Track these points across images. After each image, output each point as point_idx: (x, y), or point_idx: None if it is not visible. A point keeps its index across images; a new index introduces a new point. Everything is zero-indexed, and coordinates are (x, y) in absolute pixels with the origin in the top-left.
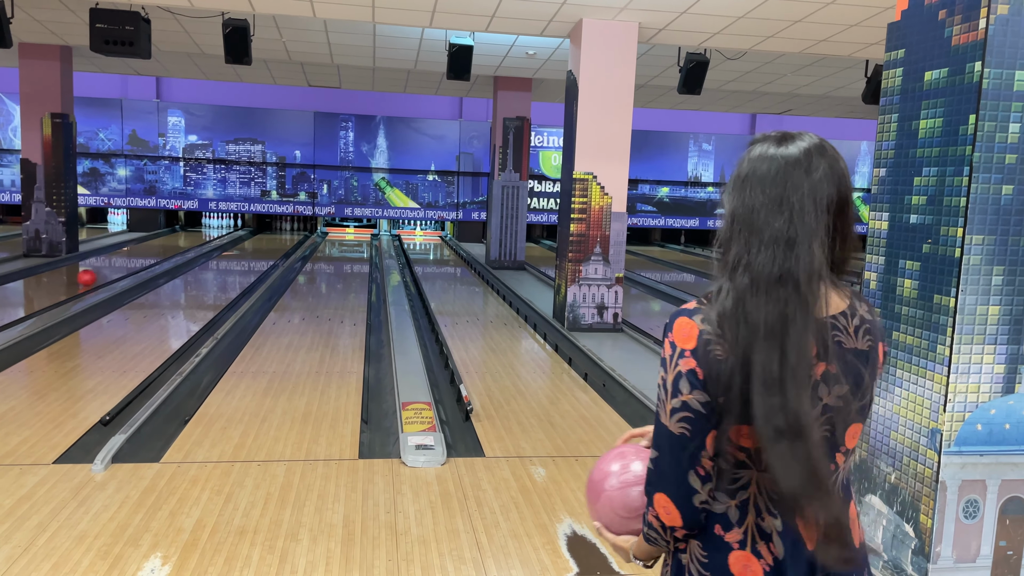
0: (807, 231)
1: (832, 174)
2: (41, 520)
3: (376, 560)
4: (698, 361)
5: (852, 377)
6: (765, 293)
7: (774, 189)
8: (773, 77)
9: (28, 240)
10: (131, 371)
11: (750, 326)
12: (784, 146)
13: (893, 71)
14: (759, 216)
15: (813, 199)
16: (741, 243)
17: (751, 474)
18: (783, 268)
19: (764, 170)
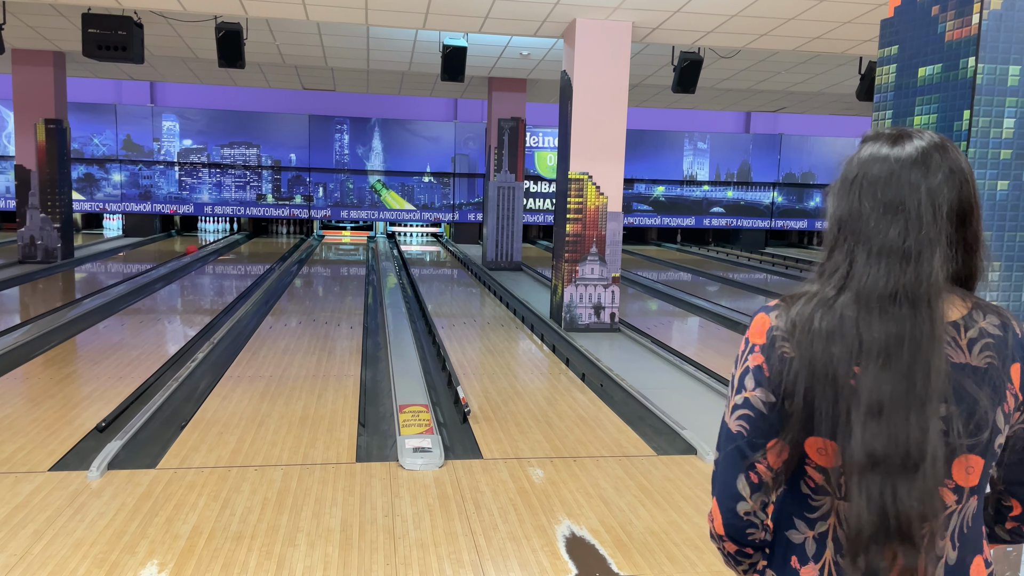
0: (926, 241)
1: (954, 177)
2: (37, 528)
3: (374, 564)
4: (766, 357)
5: (959, 397)
6: (878, 311)
7: (887, 193)
8: (767, 75)
9: (23, 247)
10: (127, 377)
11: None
12: (900, 145)
13: (886, 67)
14: (868, 223)
15: (932, 205)
16: (845, 251)
17: (831, 501)
18: (897, 284)
19: (876, 172)
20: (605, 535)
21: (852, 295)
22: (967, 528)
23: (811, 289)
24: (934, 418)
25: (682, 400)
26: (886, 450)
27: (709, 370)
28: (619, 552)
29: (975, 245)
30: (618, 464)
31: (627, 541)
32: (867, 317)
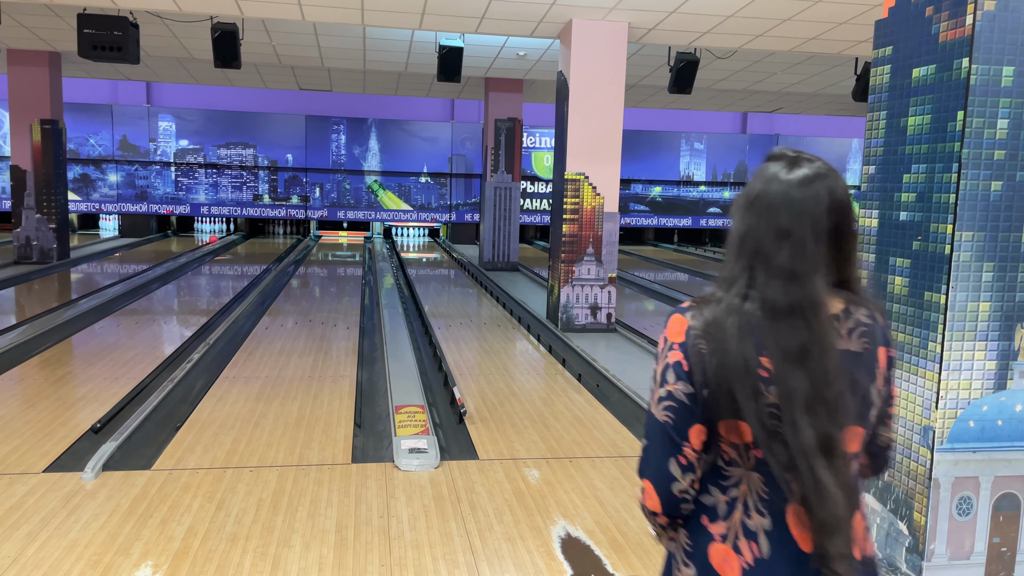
0: (810, 265)
1: (835, 206)
2: (31, 529)
3: (369, 565)
4: (684, 354)
5: (853, 385)
6: (782, 320)
7: (780, 219)
8: (763, 76)
9: (19, 247)
10: (123, 378)
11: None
12: (793, 171)
13: (881, 68)
14: (764, 244)
15: (814, 232)
16: (743, 263)
17: (741, 472)
18: (792, 299)
19: (773, 194)
20: (601, 536)
21: (757, 304)
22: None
23: (718, 294)
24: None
25: None
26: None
27: None
28: (614, 553)
29: (851, 260)
30: (614, 465)
31: (623, 542)
32: (775, 324)
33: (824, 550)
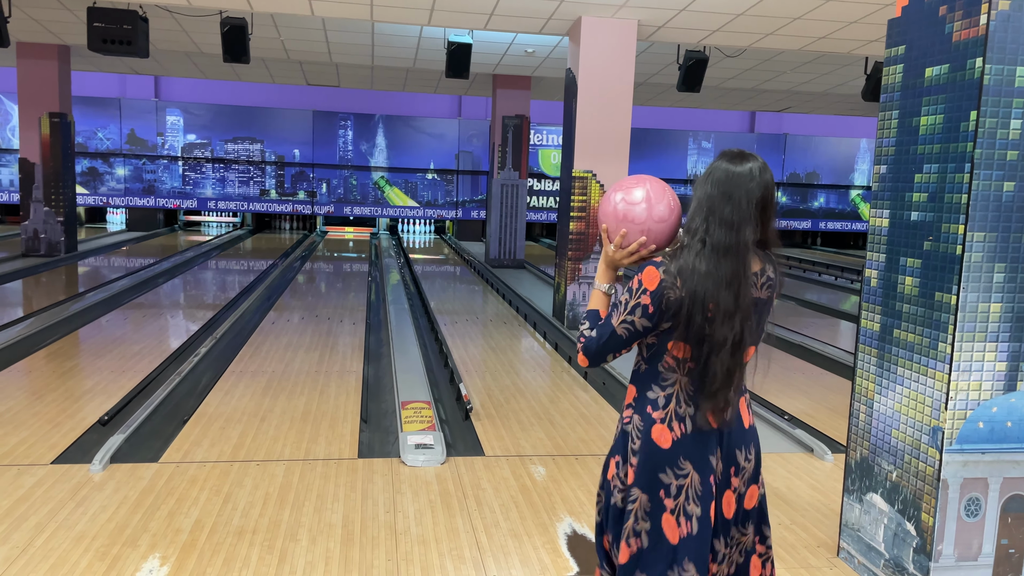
0: (744, 217)
1: (761, 183)
2: (39, 520)
3: (375, 560)
4: (652, 300)
5: (756, 315)
6: (724, 257)
7: (726, 187)
8: (772, 75)
9: (27, 240)
10: (130, 371)
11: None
12: (737, 162)
13: (893, 68)
14: (715, 203)
15: (747, 198)
16: (702, 217)
17: (677, 376)
18: (730, 242)
19: (721, 172)
20: None
21: (710, 248)
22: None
23: (684, 242)
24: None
25: None
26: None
27: None
28: None
29: (770, 223)
30: None
31: None
32: (718, 261)
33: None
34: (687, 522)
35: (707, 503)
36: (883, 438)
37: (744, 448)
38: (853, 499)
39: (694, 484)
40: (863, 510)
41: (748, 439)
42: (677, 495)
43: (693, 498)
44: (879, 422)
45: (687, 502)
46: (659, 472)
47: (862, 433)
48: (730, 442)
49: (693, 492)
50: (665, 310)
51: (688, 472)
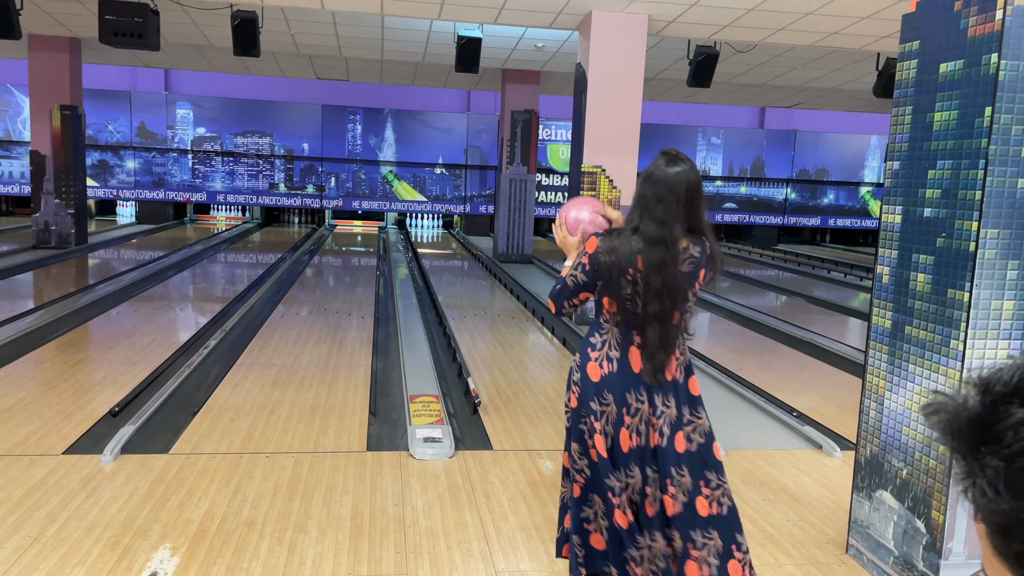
0: (674, 217)
1: (689, 182)
2: (51, 510)
3: (384, 552)
4: (589, 261)
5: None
6: (653, 247)
7: (660, 190)
8: (783, 70)
9: (37, 232)
10: (140, 363)
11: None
12: (672, 165)
13: (907, 63)
14: (650, 202)
15: (676, 199)
16: (638, 213)
17: (609, 327)
18: (662, 235)
19: (657, 175)
20: None
21: (640, 236)
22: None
23: (621, 228)
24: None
25: None
26: (660, 311)
27: (720, 365)
28: None
29: (698, 214)
30: None
31: None
32: (649, 248)
33: (649, 369)
34: (605, 440)
35: (619, 431)
36: (893, 435)
37: (663, 394)
38: (863, 496)
39: (613, 413)
40: (872, 507)
41: (668, 389)
42: (601, 418)
43: (613, 424)
44: (889, 419)
45: (607, 425)
46: (590, 400)
47: (872, 430)
48: (650, 388)
49: (614, 419)
50: (597, 270)
51: (610, 403)
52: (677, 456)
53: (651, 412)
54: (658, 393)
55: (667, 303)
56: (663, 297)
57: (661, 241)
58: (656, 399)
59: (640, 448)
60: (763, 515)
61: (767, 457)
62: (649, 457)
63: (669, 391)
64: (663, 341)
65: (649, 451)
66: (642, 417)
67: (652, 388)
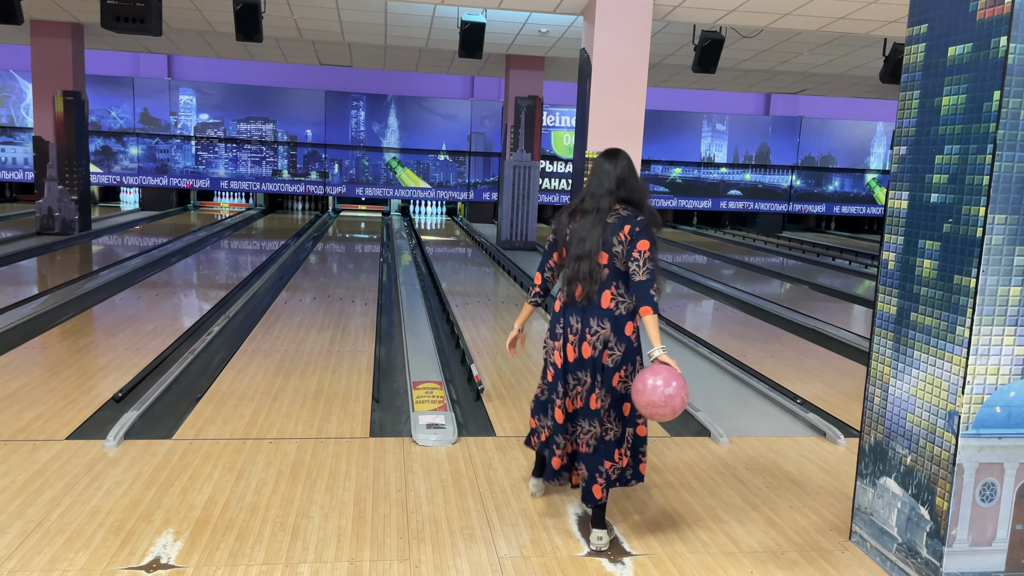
0: (604, 194)
1: (622, 169)
2: (54, 495)
3: (387, 537)
4: (552, 231)
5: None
6: (586, 216)
7: (597, 172)
8: (789, 56)
9: (41, 218)
10: (144, 349)
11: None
12: (608, 159)
13: (915, 47)
14: (592, 184)
15: (608, 179)
16: (582, 195)
17: (560, 272)
18: (595, 207)
19: (597, 165)
20: (617, 515)
21: (581, 212)
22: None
23: (573, 205)
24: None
25: (696, 382)
26: (579, 252)
27: (724, 353)
28: (631, 532)
29: (628, 192)
30: None
31: (640, 521)
32: (584, 217)
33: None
34: (559, 355)
35: (564, 347)
36: (898, 422)
37: (597, 318)
38: (866, 483)
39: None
40: (876, 494)
41: (602, 314)
42: (556, 339)
43: (562, 342)
44: (894, 406)
45: (556, 342)
46: (552, 326)
47: (877, 417)
48: (587, 313)
49: (562, 340)
50: (554, 236)
51: (564, 327)
52: (604, 367)
53: (588, 332)
54: (594, 317)
55: (584, 247)
56: (586, 244)
57: (592, 211)
58: (593, 321)
59: (578, 359)
60: (766, 502)
61: (771, 444)
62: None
63: (603, 316)
64: (580, 273)
65: (585, 361)
66: (579, 334)
67: (589, 312)
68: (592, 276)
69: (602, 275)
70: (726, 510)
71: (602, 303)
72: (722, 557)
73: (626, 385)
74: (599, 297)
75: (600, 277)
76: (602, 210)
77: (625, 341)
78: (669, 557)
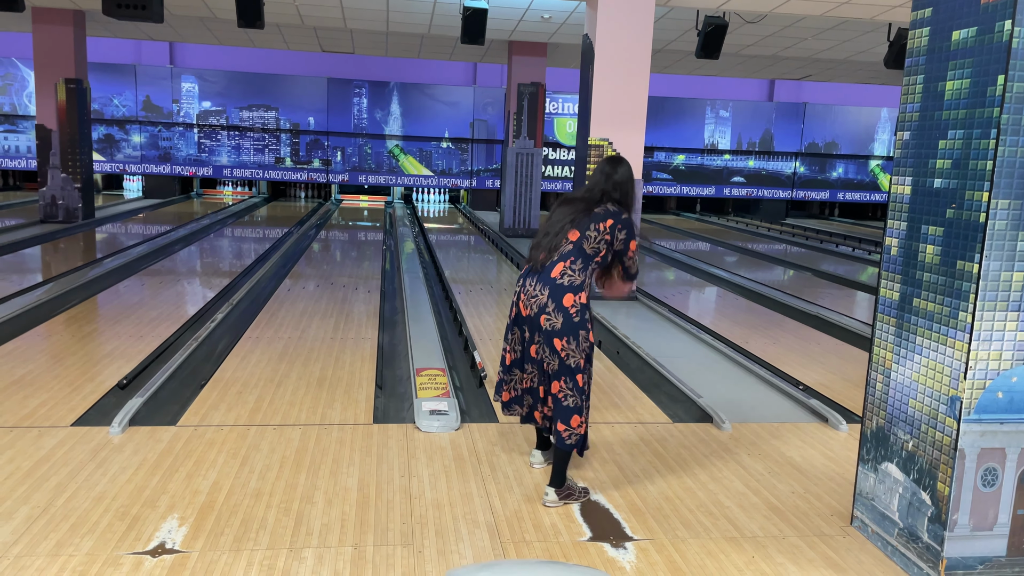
0: (597, 189)
1: (622, 174)
2: (60, 481)
3: (391, 523)
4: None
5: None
6: (576, 201)
7: (598, 171)
8: (793, 41)
9: (44, 206)
10: (147, 336)
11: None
12: (610, 164)
13: (919, 31)
14: (594, 178)
15: (608, 178)
16: (586, 184)
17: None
18: (586, 196)
19: (600, 165)
20: (620, 500)
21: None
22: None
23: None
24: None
25: (698, 368)
26: (549, 228)
27: (726, 339)
28: (633, 517)
29: (622, 195)
30: (633, 431)
31: (641, 506)
32: (571, 204)
33: (533, 261)
34: (513, 309)
35: (516, 303)
36: (900, 407)
37: (541, 284)
38: (868, 468)
39: (516, 291)
40: (878, 479)
41: (547, 282)
42: (514, 295)
43: (515, 299)
44: (896, 391)
45: (513, 298)
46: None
47: (878, 402)
48: (538, 278)
49: (515, 296)
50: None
51: (520, 287)
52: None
53: (536, 291)
54: (542, 281)
55: (558, 225)
56: (559, 221)
57: (580, 200)
58: (537, 287)
59: (527, 316)
60: (768, 487)
61: (773, 430)
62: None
63: (547, 283)
64: (543, 243)
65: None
66: (529, 294)
67: (540, 277)
68: (552, 247)
69: (563, 249)
70: (728, 495)
71: (552, 272)
72: (724, 542)
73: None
74: (552, 267)
75: (559, 249)
76: (591, 200)
77: (563, 311)
78: (671, 542)
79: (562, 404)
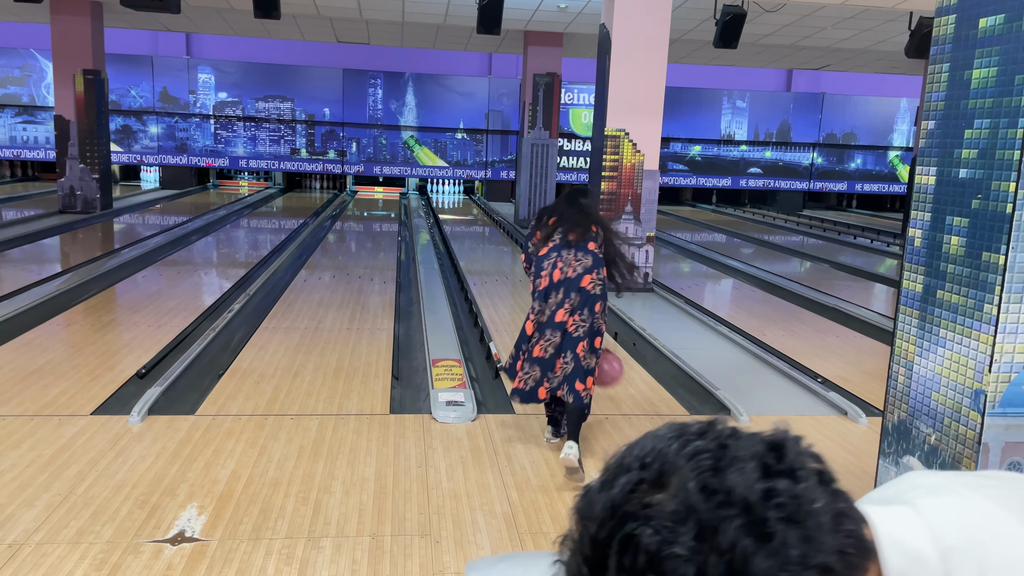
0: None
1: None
2: (80, 469)
3: (408, 513)
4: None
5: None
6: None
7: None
8: (812, 31)
9: (63, 197)
10: (166, 326)
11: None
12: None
13: (945, 18)
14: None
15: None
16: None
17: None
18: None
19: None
20: None
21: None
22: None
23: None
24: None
25: (715, 360)
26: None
27: (743, 331)
28: None
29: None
30: (650, 422)
31: None
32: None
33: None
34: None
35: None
36: (923, 400)
37: (582, 252)
38: (889, 462)
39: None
40: (899, 473)
41: (586, 251)
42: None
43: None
44: (919, 384)
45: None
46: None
47: (901, 395)
48: (577, 247)
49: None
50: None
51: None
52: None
53: (575, 259)
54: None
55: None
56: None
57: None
58: (579, 255)
59: (567, 278)
60: None
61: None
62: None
63: (588, 255)
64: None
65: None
66: (568, 261)
67: (578, 247)
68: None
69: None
70: None
71: (588, 245)
72: None
73: (597, 320)
74: (587, 242)
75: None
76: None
77: (603, 280)
78: None
79: (582, 364)
